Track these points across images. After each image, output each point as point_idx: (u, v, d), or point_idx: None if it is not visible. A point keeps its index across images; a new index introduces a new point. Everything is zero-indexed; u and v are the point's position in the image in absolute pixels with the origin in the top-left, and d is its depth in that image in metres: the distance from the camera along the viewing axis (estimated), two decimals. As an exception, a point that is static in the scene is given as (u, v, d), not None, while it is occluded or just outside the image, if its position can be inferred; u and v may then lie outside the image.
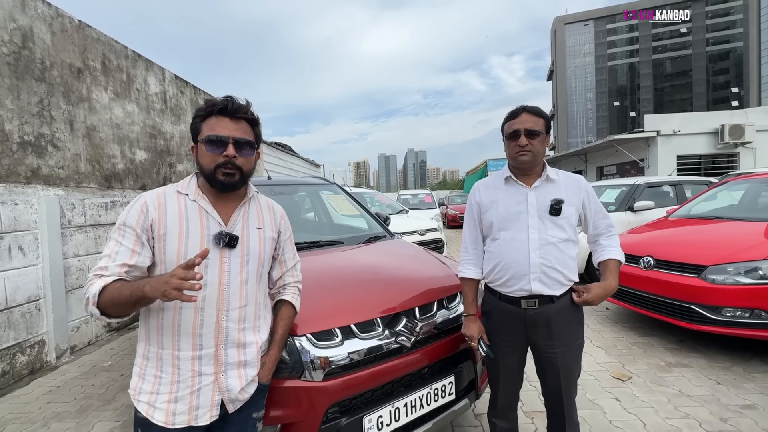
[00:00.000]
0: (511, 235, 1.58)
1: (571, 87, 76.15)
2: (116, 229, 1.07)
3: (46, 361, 3.59)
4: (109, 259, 1.03)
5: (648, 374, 2.89)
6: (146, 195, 1.11)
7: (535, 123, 1.54)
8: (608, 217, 1.68)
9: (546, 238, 1.54)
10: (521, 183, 1.61)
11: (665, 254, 3.42)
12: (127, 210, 1.07)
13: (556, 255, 1.54)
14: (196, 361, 1.07)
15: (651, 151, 13.67)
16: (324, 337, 1.55)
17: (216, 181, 1.10)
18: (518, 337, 1.62)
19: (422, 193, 12.57)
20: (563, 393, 1.60)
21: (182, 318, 1.06)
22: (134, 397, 1.08)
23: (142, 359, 1.09)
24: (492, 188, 1.69)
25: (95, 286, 1.00)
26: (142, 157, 5.16)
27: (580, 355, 1.63)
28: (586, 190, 1.63)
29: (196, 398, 1.06)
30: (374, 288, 1.88)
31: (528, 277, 1.54)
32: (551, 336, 1.56)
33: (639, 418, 2.35)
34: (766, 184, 4.24)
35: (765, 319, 2.79)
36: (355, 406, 1.56)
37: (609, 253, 1.64)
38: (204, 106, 1.12)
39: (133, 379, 1.10)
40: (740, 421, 2.26)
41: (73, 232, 3.95)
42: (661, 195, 6.32)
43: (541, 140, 1.56)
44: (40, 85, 3.70)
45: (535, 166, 1.60)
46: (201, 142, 1.11)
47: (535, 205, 1.57)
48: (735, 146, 13.03)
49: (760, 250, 2.99)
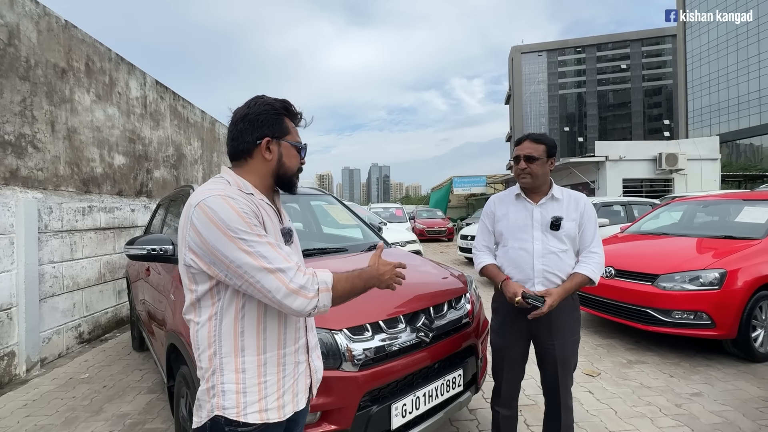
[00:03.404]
0: (519, 244, 1.84)
1: (526, 111, 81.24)
2: (247, 229, 0.93)
3: (15, 374, 3.37)
4: (277, 251, 0.96)
5: (613, 370, 3.27)
6: (231, 194, 0.97)
7: (535, 149, 1.80)
8: (597, 237, 1.85)
9: (548, 248, 1.80)
10: (529, 200, 1.87)
11: (624, 265, 3.89)
12: (238, 211, 0.94)
13: (556, 262, 1.79)
14: (296, 352, 1.10)
15: (600, 174, 14.99)
16: (357, 332, 1.70)
17: (293, 182, 1.15)
18: (522, 330, 1.86)
19: (393, 206, 12.86)
20: (560, 381, 1.82)
21: (287, 318, 1.07)
22: (239, 415, 0.98)
23: (236, 374, 0.99)
24: (505, 202, 1.96)
25: (325, 275, 1.00)
26: (121, 161, 5.00)
27: (576, 348, 1.86)
28: (585, 208, 1.86)
29: (296, 385, 1.10)
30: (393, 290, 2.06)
31: (532, 280, 1.80)
32: (551, 329, 1.81)
33: (610, 407, 2.68)
34: (701, 206, 4.93)
35: (706, 320, 3.27)
36: (383, 395, 1.72)
37: (580, 267, 1.80)
38: (288, 108, 1.12)
39: (226, 398, 0.98)
40: (691, 406, 2.66)
41: (49, 238, 3.77)
42: (613, 213, 7.04)
43: (540, 164, 1.80)
44: (23, 84, 3.57)
45: (540, 186, 1.85)
46: (292, 144, 1.12)
47: (539, 220, 1.83)
48: (670, 172, 14.64)
49: (700, 261, 3.51)
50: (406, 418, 1.76)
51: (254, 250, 0.92)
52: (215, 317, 1.00)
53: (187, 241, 0.97)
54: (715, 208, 4.74)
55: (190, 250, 0.97)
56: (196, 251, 0.96)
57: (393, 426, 1.70)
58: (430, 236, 16.10)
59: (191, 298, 1.03)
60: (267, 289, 0.93)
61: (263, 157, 1.08)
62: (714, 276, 3.31)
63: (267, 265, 0.93)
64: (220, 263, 0.93)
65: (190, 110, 7.10)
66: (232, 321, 0.99)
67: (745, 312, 3.27)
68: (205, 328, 1.00)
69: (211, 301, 1.00)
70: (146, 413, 2.76)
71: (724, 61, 44.30)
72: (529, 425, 2.45)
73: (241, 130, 1.07)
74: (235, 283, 0.95)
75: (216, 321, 1.00)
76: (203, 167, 7.70)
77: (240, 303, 0.99)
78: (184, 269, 1.02)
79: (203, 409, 1.02)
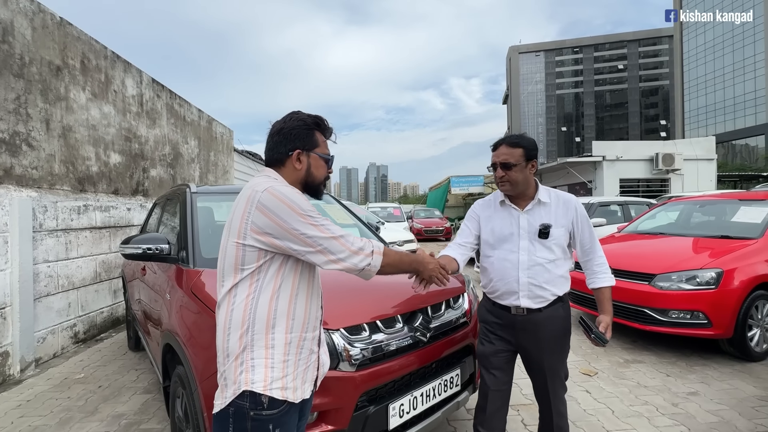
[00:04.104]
0: (504, 254, 1.72)
1: (524, 111, 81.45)
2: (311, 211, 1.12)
3: (9, 374, 3.33)
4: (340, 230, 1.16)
5: (610, 370, 3.27)
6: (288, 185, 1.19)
7: (510, 154, 1.65)
8: (595, 238, 1.77)
9: (534, 259, 1.66)
10: (514, 206, 1.72)
11: (621, 264, 3.89)
12: (300, 197, 1.14)
13: (544, 275, 1.66)
14: (313, 340, 1.21)
15: (598, 173, 15.04)
16: (354, 331, 1.69)
17: (320, 190, 1.30)
18: (508, 339, 1.75)
19: (391, 206, 12.87)
20: (549, 390, 1.73)
21: (312, 305, 1.21)
22: (266, 389, 1.07)
23: (266, 350, 1.10)
24: (490, 208, 1.82)
25: (379, 243, 1.23)
26: (117, 160, 4.97)
27: (565, 359, 1.77)
28: (576, 210, 1.73)
29: (306, 373, 1.19)
30: (391, 289, 2.05)
31: (517, 294, 1.68)
32: (538, 341, 1.69)
33: (608, 406, 2.68)
34: (697, 206, 4.95)
35: (703, 319, 3.28)
36: (380, 395, 1.71)
37: (602, 280, 1.75)
38: (319, 123, 1.27)
39: (255, 372, 1.07)
40: (688, 405, 2.67)
41: (44, 237, 3.73)
42: (610, 213, 7.07)
43: (519, 170, 1.65)
44: (18, 82, 3.53)
45: (524, 191, 1.71)
46: (320, 156, 1.27)
47: (526, 228, 1.69)
48: (667, 172, 14.72)
49: (696, 261, 3.53)
50: (403, 418, 1.75)
51: (320, 224, 1.12)
52: (252, 295, 1.11)
53: (251, 221, 1.10)
54: (712, 208, 4.76)
55: (253, 229, 1.09)
56: (263, 229, 1.09)
57: (390, 426, 1.69)
58: (427, 236, 16.10)
59: (231, 282, 1.13)
60: (333, 252, 1.13)
61: (294, 166, 1.23)
62: (710, 276, 3.32)
63: (332, 235, 1.13)
64: (291, 236, 1.09)
65: (186, 109, 7.06)
66: (268, 299, 1.12)
67: (742, 311, 3.29)
68: (241, 307, 1.11)
69: (250, 281, 1.12)
70: (142, 414, 2.74)
71: (720, 61, 44.57)
72: (527, 425, 2.45)
73: (276, 142, 1.24)
74: (303, 252, 1.11)
75: (253, 299, 1.11)
76: (200, 166, 7.66)
77: (278, 283, 1.13)
78: (233, 251, 1.12)
79: (229, 388, 1.09)
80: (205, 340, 1.61)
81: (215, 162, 8.46)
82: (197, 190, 2.64)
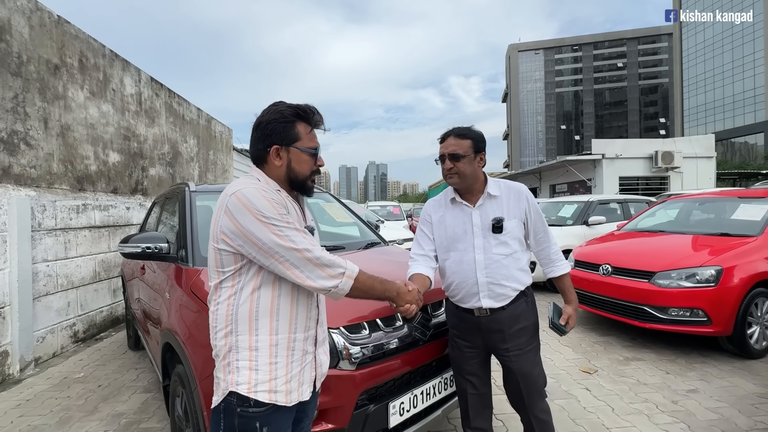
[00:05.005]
0: (459, 256, 1.66)
1: (523, 110, 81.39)
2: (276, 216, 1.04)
3: (8, 374, 3.33)
4: (306, 238, 1.08)
5: (610, 367, 3.27)
6: (263, 187, 1.09)
7: (458, 146, 1.60)
8: (546, 226, 1.74)
9: (491, 257, 1.61)
10: (466, 203, 1.67)
11: (621, 262, 3.89)
12: (270, 201, 1.05)
13: (501, 272, 1.61)
14: (305, 341, 1.16)
15: (597, 171, 15.04)
16: (354, 330, 1.69)
17: (306, 186, 1.21)
18: (477, 342, 1.70)
19: (390, 204, 12.85)
20: (524, 397, 1.65)
21: (299, 305, 1.15)
22: (249, 391, 1.05)
23: (249, 352, 1.07)
24: (441, 207, 1.75)
25: (353, 264, 1.14)
26: (115, 159, 4.95)
27: (537, 359, 1.69)
28: (527, 199, 1.68)
29: (303, 375, 1.15)
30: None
31: (478, 295, 1.63)
32: (505, 339, 1.64)
33: (607, 404, 2.68)
34: (697, 204, 4.95)
35: (702, 317, 3.28)
36: (380, 393, 1.71)
37: (561, 268, 1.74)
38: (300, 114, 1.15)
39: (240, 374, 1.06)
40: (687, 402, 2.67)
41: (42, 236, 3.72)
42: (610, 211, 7.06)
43: (467, 161, 1.60)
44: (15, 80, 3.51)
45: (473, 185, 1.65)
46: (302, 150, 1.16)
47: (479, 225, 1.63)
48: (666, 170, 14.72)
49: (696, 259, 3.53)
50: (403, 416, 1.75)
51: (283, 233, 1.04)
52: (234, 296, 1.09)
53: (220, 225, 1.07)
54: (711, 205, 4.75)
55: (222, 233, 1.07)
56: (228, 234, 1.06)
57: (390, 424, 1.69)
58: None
59: (216, 281, 1.13)
60: (295, 265, 1.05)
61: (274, 163, 1.16)
62: (710, 273, 3.32)
63: (294, 246, 1.04)
64: (252, 244, 1.04)
65: (185, 107, 7.04)
66: (249, 299, 1.09)
67: (741, 309, 3.29)
68: (224, 307, 1.10)
69: (232, 283, 1.10)
70: (141, 413, 2.73)
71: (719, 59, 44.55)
72: (527, 423, 2.46)
73: (255, 138, 1.17)
74: (263, 262, 1.06)
75: (234, 300, 1.09)
76: (199, 165, 7.65)
77: (258, 283, 1.09)
78: (212, 254, 1.12)
79: (219, 387, 1.11)
80: (205, 339, 1.60)
81: (214, 161, 8.44)
82: (196, 189, 2.63)
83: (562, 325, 1.72)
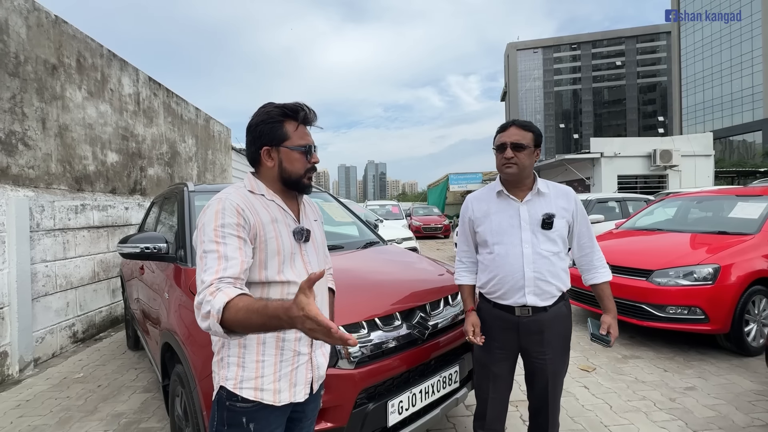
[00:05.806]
0: (505, 249, 1.61)
1: (522, 108, 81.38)
2: (211, 236, 1.01)
3: (8, 374, 3.33)
4: (220, 262, 0.97)
5: (608, 366, 3.29)
6: (231, 197, 1.07)
7: (522, 137, 1.57)
8: (591, 231, 1.71)
9: (539, 252, 1.57)
10: (513, 197, 1.63)
11: (619, 260, 3.90)
12: (219, 213, 1.03)
13: (548, 268, 1.58)
14: (297, 342, 1.13)
15: (596, 170, 15.05)
16: (353, 329, 1.70)
17: (302, 184, 1.18)
18: (510, 343, 1.65)
19: (389, 204, 12.87)
20: (549, 397, 1.66)
21: None
22: (235, 387, 1.07)
23: (238, 349, 1.08)
24: (485, 201, 1.71)
25: (218, 300, 0.88)
26: (114, 159, 4.95)
27: (567, 362, 1.72)
28: (576, 201, 1.67)
29: (295, 376, 1.13)
30: (389, 286, 2.06)
31: (523, 290, 1.58)
32: (542, 343, 1.61)
33: (606, 401, 2.70)
34: (695, 202, 4.97)
35: (700, 315, 3.30)
36: (379, 392, 1.72)
37: (603, 275, 1.71)
38: (288, 113, 1.13)
39: (230, 370, 1.08)
40: (685, 400, 2.68)
41: (41, 236, 3.72)
42: (608, 210, 7.08)
43: (527, 154, 1.58)
44: (13, 81, 3.51)
45: (524, 179, 1.62)
46: (291, 149, 1.14)
47: (527, 220, 1.60)
48: (665, 169, 14.73)
49: (694, 257, 3.54)
50: (402, 414, 1.75)
51: (205, 256, 1.01)
52: None
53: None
54: (709, 203, 4.77)
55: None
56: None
57: (389, 423, 1.70)
58: (426, 233, 16.11)
59: None
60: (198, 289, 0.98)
61: (266, 164, 1.16)
62: (708, 271, 3.34)
63: (199, 272, 1.00)
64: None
65: (184, 107, 7.03)
66: None
67: (738, 307, 3.30)
68: None
69: None
70: (141, 412, 2.74)
71: (717, 58, 44.60)
72: (525, 420, 2.46)
73: (247, 141, 1.18)
74: None
75: None
76: (198, 164, 7.64)
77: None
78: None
79: (214, 381, 1.13)
80: (204, 339, 1.61)
81: (213, 160, 8.43)
82: (195, 189, 2.63)
83: (604, 335, 1.67)
